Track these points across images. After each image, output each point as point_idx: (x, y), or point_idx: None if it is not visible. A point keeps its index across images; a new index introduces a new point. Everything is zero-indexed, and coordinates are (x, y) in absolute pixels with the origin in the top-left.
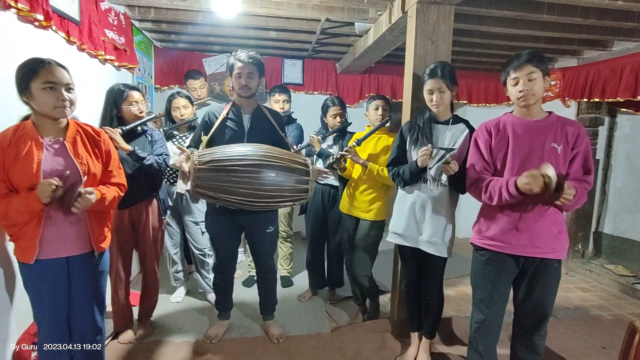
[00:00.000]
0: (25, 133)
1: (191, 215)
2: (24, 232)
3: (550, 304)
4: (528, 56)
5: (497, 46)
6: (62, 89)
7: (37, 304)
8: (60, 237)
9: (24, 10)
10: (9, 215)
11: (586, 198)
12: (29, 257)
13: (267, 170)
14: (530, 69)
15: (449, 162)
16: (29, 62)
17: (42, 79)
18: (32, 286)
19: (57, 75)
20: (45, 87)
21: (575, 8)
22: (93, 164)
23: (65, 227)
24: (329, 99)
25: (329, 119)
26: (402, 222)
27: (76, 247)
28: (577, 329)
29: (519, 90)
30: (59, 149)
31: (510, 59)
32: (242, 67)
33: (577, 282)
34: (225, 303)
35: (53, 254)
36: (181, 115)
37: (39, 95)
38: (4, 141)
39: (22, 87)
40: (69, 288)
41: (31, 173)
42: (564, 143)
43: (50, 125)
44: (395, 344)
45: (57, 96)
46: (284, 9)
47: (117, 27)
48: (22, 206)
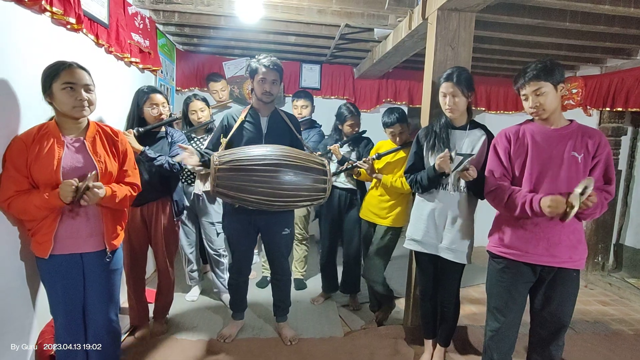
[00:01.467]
0: (48, 131)
1: (207, 216)
2: (41, 226)
3: (568, 313)
4: (534, 72)
5: (518, 53)
6: (81, 90)
7: (53, 298)
8: (75, 234)
9: (57, 13)
10: (29, 211)
11: (606, 208)
12: (44, 252)
13: (286, 169)
14: (537, 84)
15: (467, 169)
16: (52, 64)
17: (62, 79)
18: (47, 281)
19: (77, 76)
20: (65, 87)
21: (600, 16)
22: (110, 162)
23: (80, 224)
24: (345, 108)
25: (345, 128)
26: (421, 229)
27: (90, 244)
28: (596, 343)
29: (529, 107)
30: (79, 148)
31: (518, 74)
32: (266, 73)
33: (596, 295)
34: (240, 303)
35: (67, 249)
36: (198, 118)
37: (59, 95)
38: (28, 138)
39: (45, 88)
40: (83, 285)
41: (51, 169)
42: (584, 152)
43: (71, 124)
44: (408, 350)
45: (76, 96)
46: (305, 14)
47: (142, 30)
48: (41, 202)
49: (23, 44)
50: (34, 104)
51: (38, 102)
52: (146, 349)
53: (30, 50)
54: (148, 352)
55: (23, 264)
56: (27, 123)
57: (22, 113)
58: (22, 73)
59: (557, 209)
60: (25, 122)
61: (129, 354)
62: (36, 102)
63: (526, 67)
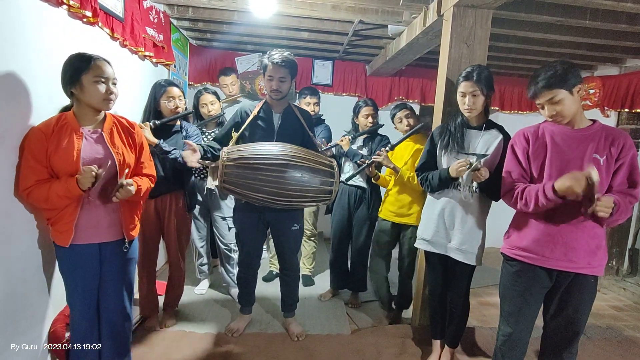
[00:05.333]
0: (67, 123)
1: (219, 211)
2: (62, 215)
3: (583, 320)
4: (544, 81)
5: (534, 52)
6: (109, 83)
7: (70, 286)
8: (95, 224)
9: (74, 6)
10: (50, 199)
11: (631, 213)
12: (65, 241)
13: (293, 170)
14: (550, 93)
15: (478, 169)
16: (79, 56)
17: (94, 72)
18: (66, 269)
19: (107, 71)
20: (97, 80)
21: (621, 14)
22: (128, 154)
23: (100, 214)
24: (362, 100)
25: (360, 119)
26: (431, 228)
27: (109, 234)
28: (609, 349)
29: (547, 115)
30: (98, 139)
31: (529, 82)
32: (273, 71)
33: (610, 300)
34: (248, 297)
35: (87, 239)
36: (209, 112)
37: (90, 87)
38: (48, 129)
39: (73, 79)
40: (100, 274)
41: (72, 160)
42: (607, 154)
43: (90, 116)
44: (416, 350)
45: (107, 89)
46: (318, 10)
47: (156, 24)
48: (62, 191)
49: (39, 36)
50: (49, 95)
51: (52, 94)
52: (155, 340)
53: (46, 43)
54: (157, 343)
55: (40, 252)
56: (41, 115)
57: (36, 105)
58: (38, 65)
59: (578, 183)
60: (41, 114)
61: (138, 344)
62: (51, 94)
63: (536, 75)
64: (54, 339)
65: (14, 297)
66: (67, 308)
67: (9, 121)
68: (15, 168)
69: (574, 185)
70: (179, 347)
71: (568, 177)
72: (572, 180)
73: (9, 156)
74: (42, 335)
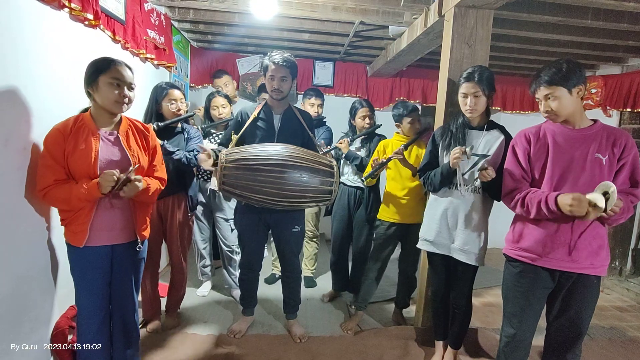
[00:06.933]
0: (84, 124)
1: (222, 212)
2: (77, 216)
3: (586, 321)
4: (546, 76)
5: (536, 51)
6: (124, 87)
7: (81, 287)
8: (109, 226)
9: (76, 9)
10: (71, 202)
11: (632, 212)
12: (80, 241)
13: (292, 170)
14: (548, 89)
15: (485, 169)
16: (102, 59)
17: (111, 74)
18: (77, 270)
19: (124, 74)
20: (112, 82)
21: (623, 14)
22: (142, 156)
23: (114, 216)
24: (357, 101)
25: (357, 121)
26: (434, 229)
27: (122, 235)
28: (612, 350)
29: (541, 110)
30: (114, 141)
31: (533, 77)
32: (275, 70)
33: (613, 300)
34: (250, 299)
35: (101, 241)
36: (219, 114)
37: (104, 88)
38: (66, 130)
39: (91, 80)
40: (111, 274)
41: (89, 162)
42: (609, 154)
43: (106, 118)
44: (418, 351)
45: (120, 92)
46: (319, 11)
47: (158, 27)
48: (84, 195)
49: (41, 39)
50: (52, 98)
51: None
52: (158, 342)
53: (48, 46)
54: (159, 345)
55: (49, 253)
56: (44, 117)
57: (39, 108)
58: (40, 68)
59: (580, 208)
60: (44, 117)
61: (140, 346)
62: (53, 96)
63: (540, 70)
64: (57, 340)
65: (18, 297)
66: (71, 310)
67: (13, 124)
68: (18, 170)
69: (575, 210)
70: (181, 349)
71: (570, 198)
72: (575, 203)
73: (13, 159)
74: (46, 336)
